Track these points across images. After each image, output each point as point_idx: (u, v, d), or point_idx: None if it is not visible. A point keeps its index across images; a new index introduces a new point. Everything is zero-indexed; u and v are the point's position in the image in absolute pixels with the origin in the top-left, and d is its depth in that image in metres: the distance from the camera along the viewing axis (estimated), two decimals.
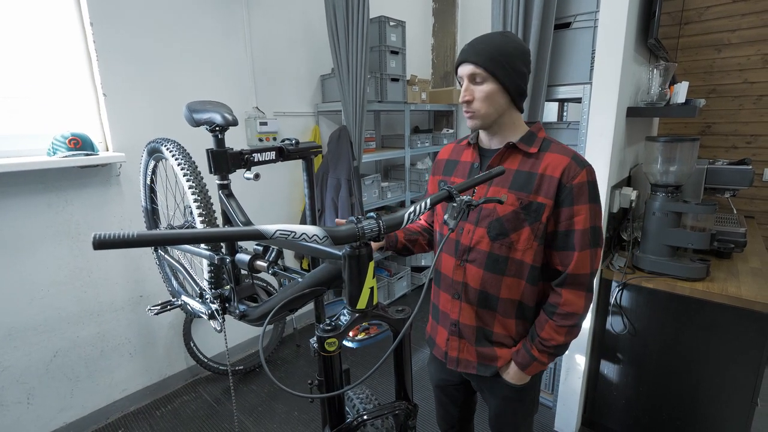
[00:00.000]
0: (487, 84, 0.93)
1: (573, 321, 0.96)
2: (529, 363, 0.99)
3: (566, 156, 0.94)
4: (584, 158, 0.96)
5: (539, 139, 0.99)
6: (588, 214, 0.92)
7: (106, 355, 1.99)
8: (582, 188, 0.92)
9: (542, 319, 0.99)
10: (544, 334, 0.97)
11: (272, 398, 2.19)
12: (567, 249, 0.95)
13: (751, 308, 1.43)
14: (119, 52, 1.86)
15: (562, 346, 0.98)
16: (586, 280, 0.95)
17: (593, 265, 0.95)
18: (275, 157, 1.07)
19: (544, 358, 0.98)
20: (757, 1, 2.56)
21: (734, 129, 2.80)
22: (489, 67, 0.91)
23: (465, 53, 0.95)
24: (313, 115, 2.78)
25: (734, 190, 1.89)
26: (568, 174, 0.92)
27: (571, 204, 0.92)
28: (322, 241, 0.56)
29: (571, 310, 0.95)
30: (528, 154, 0.97)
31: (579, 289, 0.95)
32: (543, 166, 0.94)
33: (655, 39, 1.64)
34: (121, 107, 1.90)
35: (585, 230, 0.92)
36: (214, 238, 0.49)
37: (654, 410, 1.70)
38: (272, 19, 2.45)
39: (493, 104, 0.94)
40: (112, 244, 0.44)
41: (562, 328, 0.96)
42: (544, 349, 0.97)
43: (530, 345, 0.99)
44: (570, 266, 0.94)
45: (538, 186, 0.94)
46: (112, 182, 1.91)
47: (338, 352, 0.66)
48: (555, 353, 0.98)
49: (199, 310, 1.15)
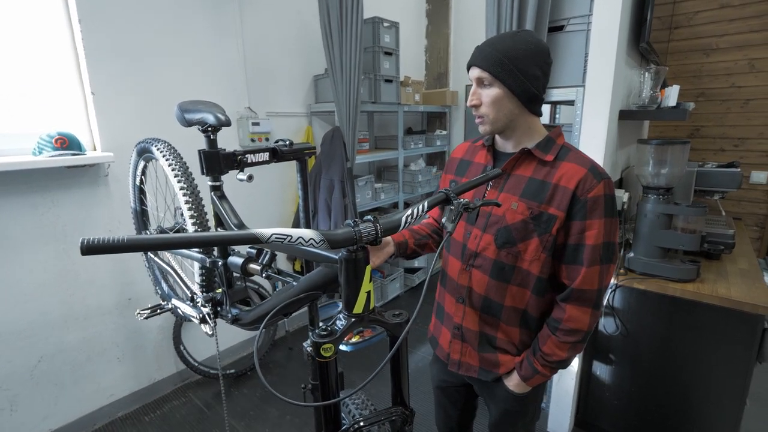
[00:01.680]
0: (493, 88, 0.90)
1: (576, 337, 0.93)
2: (532, 376, 0.98)
3: (583, 167, 0.90)
4: (603, 170, 0.91)
5: (557, 146, 0.95)
6: (602, 230, 0.88)
7: (93, 360, 1.95)
8: (597, 202, 0.88)
9: (545, 333, 0.96)
10: (546, 348, 0.95)
11: (264, 402, 2.16)
12: (575, 263, 0.91)
13: (740, 309, 1.45)
14: (108, 50, 1.82)
15: (564, 362, 0.96)
16: (594, 296, 0.91)
17: (603, 281, 0.91)
18: (269, 158, 1.06)
19: (547, 372, 0.96)
20: (744, 7, 2.61)
21: (722, 132, 2.85)
22: (494, 71, 0.88)
23: (473, 56, 0.92)
24: (306, 115, 2.76)
25: (723, 193, 1.92)
26: (584, 186, 0.88)
27: (583, 218, 0.88)
28: (318, 245, 0.55)
29: (574, 327, 0.92)
30: (543, 162, 0.93)
31: (585, 306, 0.92)
32: (558, 176, 0.90)
33: (646, 43, 1.65)
34: (110, 106, 1.86)
35: (596, 246, 0.88)
36: (207, 242, 0.47)
37: (646, 411, 1.71)
38: (265, 18, 2.43)
39: (501, 109, 0.91)
40: (101, 249, 0.42)
41: (565, 345, 0.93)
42: (546, 364, 0.95)
43: (533, 358, 0.97)
44: (576, 281, 0.90)
45: (551, 196, 0.90)
46: (100, 183, 1.87)
47: (334, 357, 0.65)
48: (557, 367, 0.97)
49: (190, 314, 1.13)
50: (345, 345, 1.31)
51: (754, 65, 2.67)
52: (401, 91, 2.96)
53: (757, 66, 2.66)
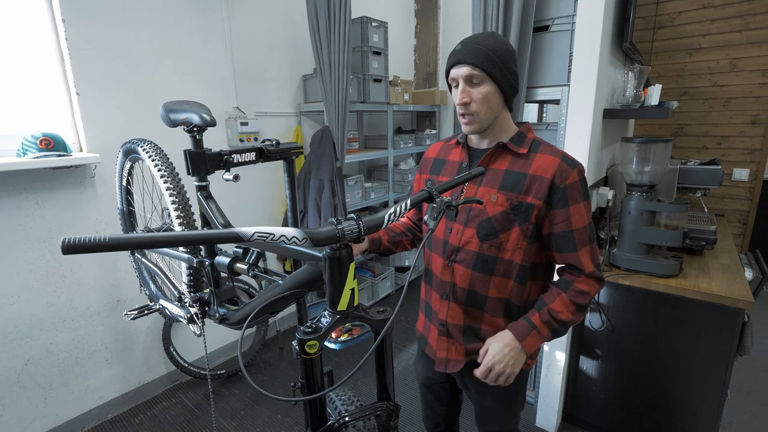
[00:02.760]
0: (484, 85, 0.92)
1: (584, 300, 0.95)
2: (528, 332, 0.95)
3: (556, 157, 0.95)
4: (573, 158, 0.97)
5: (529, 139, 0.99)
6: (583, 212, 0.94)
7: (81, 363, 1.93)
8: (575, 188, 0.93)
9: (554, 292, 0.98)
10: (555, 306, 0.95)
11: (255, 402, 2.16)
12: (568, 250, 0.96)
13: (721, 303, 1.49)
14: (93, 50, 1.80)
15: (565, 324, 0.96)
16: (596, 275, 0.96)
17: (595, 259, 0.97)
18: (255, 158, 1.06)
19: (545, 330, 0.95)
20: (726, 7, 2.66)
21: (705, 130, 2.90)
22: (486, 67, 0.90)
23: (459, 54, 0.92)
24: (295, 115, 2.76)
25: (705, 189, 1.96)
26: (561, 175, 0.92)
27: (566, 205, 0.93)
28: (301, 243, 0.55)
29: (585, 289, 0.95)
30: (518, 155, 0.97)
31: (591, 278, 0.97)
32: (534, 167, 0.94)
33: (629, 42, 1.68)
34: (96, 107, 1.84)
35: (583, 228, 0.94)
36: (189, 241, 0.48)
37: (631, 404, 1.75)
38: (253, 18, 2.42)
39: (491, 106, 0.94)
40: (82, 248, 0.43)
41: (573, 305, 0.95)
42: (549, 320, 0.94)
43: (534, 313, 0.96)
44: (580, 264, 0.95)
45: (528, 187, 0.94)
46: (86, 184, 1.85)
47: (319, 354, 0.66)
48: (557, 329, 0.96)
49: (177, 315, 1.13)
50: (333, 343, 1.32)
51: (736, 65, 2.72)
52: (390, 90, 2.97)
53: (738, 65, 2.72)
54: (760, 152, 2.72)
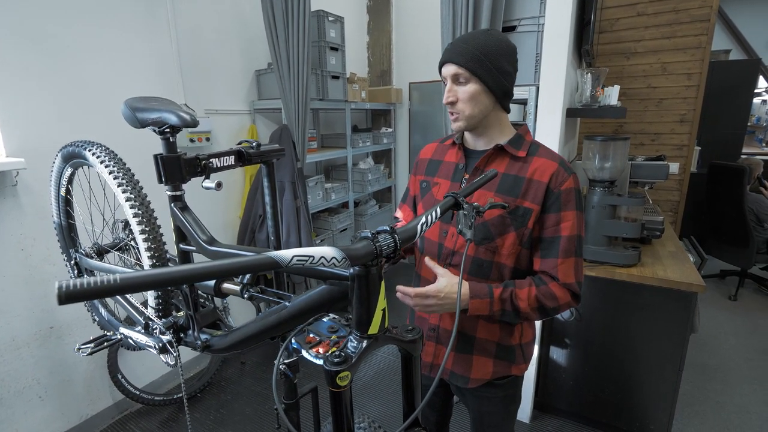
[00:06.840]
0: (470, 84, 0.90)
1: (550, 304, 0.90)
2: (482, 297, 0.88)
3: (554, 161, 0.93)
4: (570, 164, 0.95)
5: (527, 142, 0.97)
6: (575, 222, 0.91)
7: (8, 403, 1.64)
8: (570, 194, 0.91)
9: (526, 281, 0.92)
10: (520, 292, 0.89)
11: (219, 425, 1.99)
12: (550, 256, 0.92)
13: (678, 288, 1.61)
14: (12, 39, 1.53)
15: (518, 314, 0.90)
16: (574, 288, 0.91)
17: (578, 275, 0.92)
18: (234, 162, 0.94)
19: (497, 306, 0.88)
20: (657, 15, 2.92)
21: (641, 128, 3.17)
22: (471, 67, 0.88)
23: (447, 53, 0.91)
24: (249, 113, 2.57)
25: (652, 183, 2.12)
26: (557, 180, 0.91)
27: (558, 210, 0.91)
28: (341, 264, 0.48)
29: (557, 294, 0.90)
30: (516, 158, 0.95)
31: (566, 290, 0.91)
32: (531, 171, 0.92)
33: (589, 45, 1.76)
34: (17, 104, 1.57)
35: (571, 237, 0.91)
36: (221, 272, 0.39)
37: (598, 388, 1.85)
38: (200, 7, 2.21)
39: (477, 105, 0.91)
40: (86, 294, 0.32)
41: (537, 302, 0.89)
42: (507, 299, 0.89)
43: (498, 286, 0.91)
44: (557, 273, 0.90)
45: (526, 190, 0.92)
46: (6, 193, 1.57)
47: (349, 386, 0.58)
48: (508, 312, 0.90)
49: (145, 344, 0.98)
50: (315, 357, 1.23)
51: (666, 68, 3.00)
52: (348, 88, 2.88)
53: (668, 69, 2.99)
54: (687, 148, 3.03)
